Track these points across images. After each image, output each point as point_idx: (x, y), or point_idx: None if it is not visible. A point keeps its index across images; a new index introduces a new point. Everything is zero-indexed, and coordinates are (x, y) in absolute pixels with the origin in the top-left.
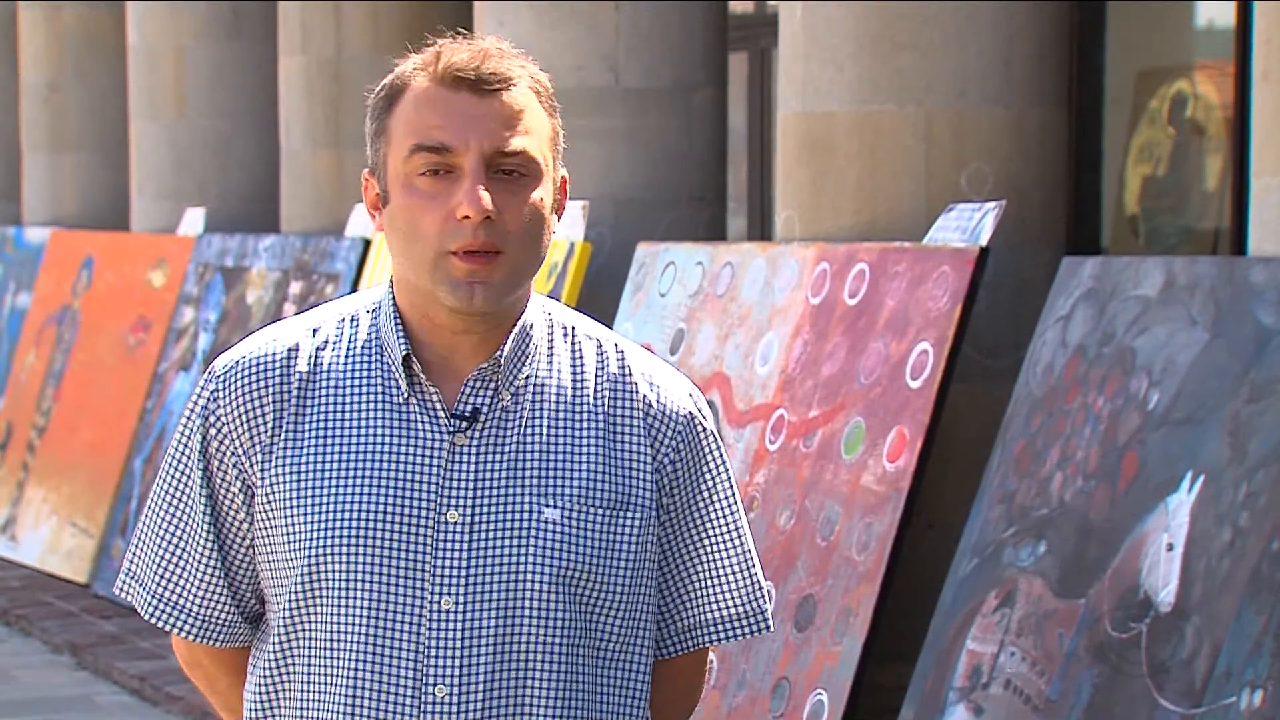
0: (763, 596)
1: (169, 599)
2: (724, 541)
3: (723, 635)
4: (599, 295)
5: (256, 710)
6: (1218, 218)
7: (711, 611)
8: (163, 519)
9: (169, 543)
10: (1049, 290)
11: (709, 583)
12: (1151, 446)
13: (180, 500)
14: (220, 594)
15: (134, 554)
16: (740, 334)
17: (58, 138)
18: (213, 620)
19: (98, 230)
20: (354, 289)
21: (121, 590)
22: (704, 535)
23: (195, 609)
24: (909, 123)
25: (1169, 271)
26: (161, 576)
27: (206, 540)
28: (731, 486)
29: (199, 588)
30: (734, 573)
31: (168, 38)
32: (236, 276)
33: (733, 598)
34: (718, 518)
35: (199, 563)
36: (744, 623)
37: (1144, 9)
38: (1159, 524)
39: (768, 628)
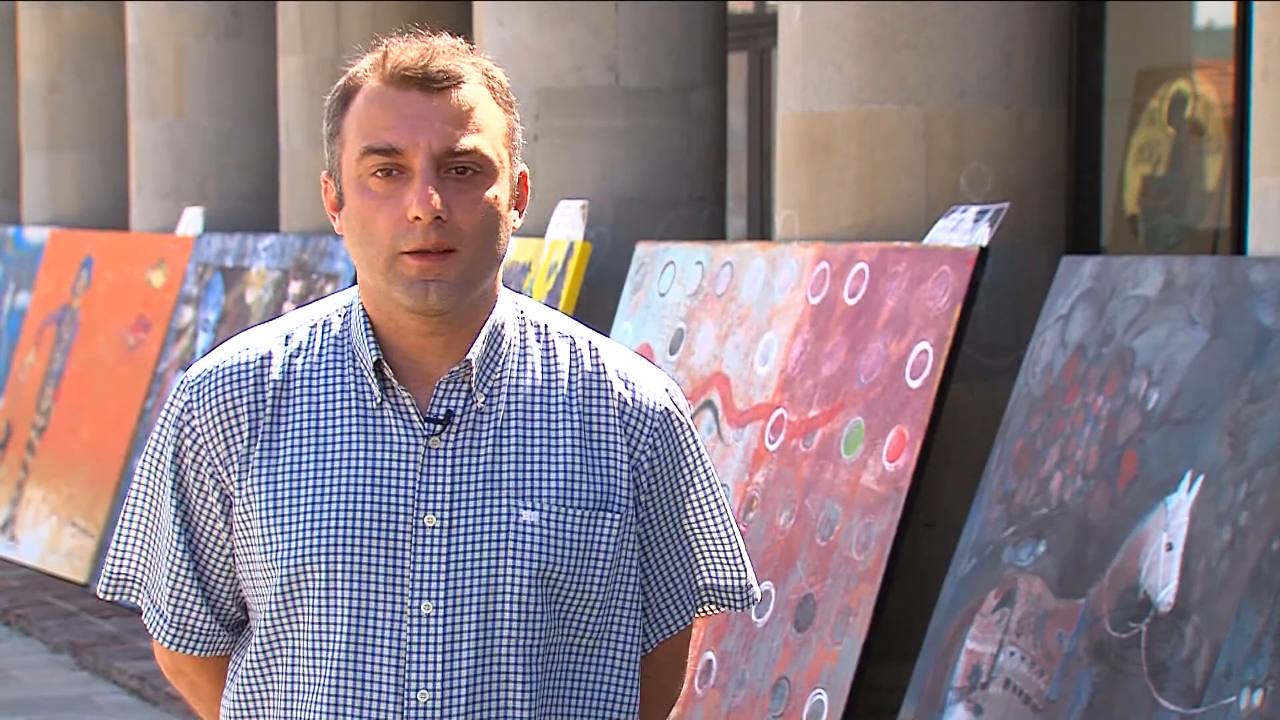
0: (746, 570)
1: (148, 602)
2: (705, 522)
3: (706, 603)
4: (598, 295)
5: (236, 717)
6: (1217, 217)
7: (696, 581)
8: (137, 526)
9: (144, 549)
10: (1048, 290)
11: (692, 559)
12: (1151, 446)
13: (151, 509)
14: (193, 603)
15: (120, 556)
16: (740, 334)
17: (57, 137)
18: (187, 628)
19: (97, 230)
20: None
21: (108, 594)
22: (684, 521)
23: (170, 615)
24: (909, 122)
25: (1168, 271)
26: (137, 566)
27: (176, 549)
28: (710, 475)
29: (170, 595)
30: (716, 547)
31: (167, 37)
32: (236, 276)
33: (717, 570)
34: (697, 503)
35: (169, 571)
36: (728, 594)
37: (1144, 9)
38: (1158, 524)
39: (752, 602)
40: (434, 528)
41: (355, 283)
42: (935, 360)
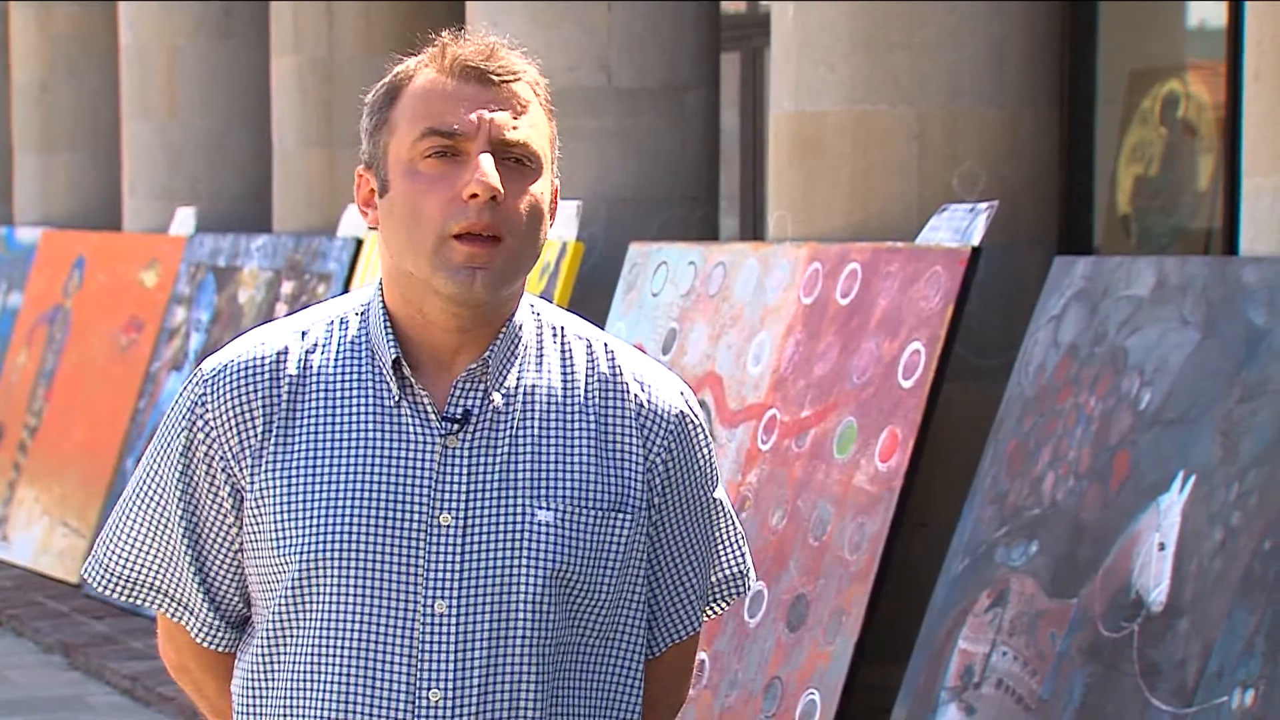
0: (746, 557)
1: (147, 597)
2: (718, 522)
3: (715, 600)
4: (591, 295)
5: (241, 707)
6: (1209, 217)
7: (708, 581)
8: (137, 518)
9: (143, 543)
10: (1041, 290)
11: (709, 561)
12: (1143, 446)
13: (151, 502)
14: (192, 596)
15: (116, 550)
16: (732, 334)
17: (49, 137)
18: (187, 608)
19: (89, 230)
20: (346, 289)
21: (105, 588)
22: (700, 525)
23: (170, 608)
24: (901, 122)
25: (1161, 271)
26: (138, 563)
27: (179, 543)
28: (717, 474)
29: (170, 589)
30: (727, 544)
31: (160, 37)
32: (228, 276)
33: (725, 564)
34: (711, 506)
35: (171, 565)
36: (730, 584)
37: (1136, 9)
38: (1151, 524)
39: (749, 586)
40: (449, 526)
41: (347, 290)
42: (928, 360)
